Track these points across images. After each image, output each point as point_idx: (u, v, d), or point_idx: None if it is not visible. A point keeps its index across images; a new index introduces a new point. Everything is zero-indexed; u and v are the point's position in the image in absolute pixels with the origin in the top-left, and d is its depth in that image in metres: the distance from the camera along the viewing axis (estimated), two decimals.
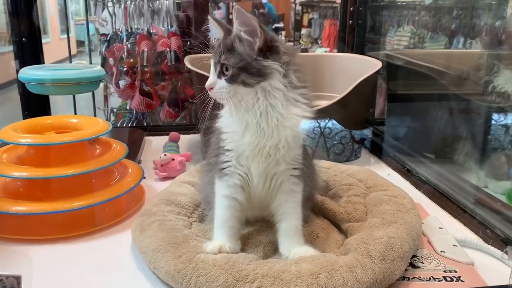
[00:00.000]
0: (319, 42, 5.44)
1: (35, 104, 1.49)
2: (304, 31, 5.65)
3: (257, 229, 0.87)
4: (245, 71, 0.71)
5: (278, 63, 0.72)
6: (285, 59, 0.73)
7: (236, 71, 0.71)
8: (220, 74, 0.73)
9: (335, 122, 1.33)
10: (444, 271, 0.78)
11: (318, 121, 1.34)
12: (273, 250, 0.82)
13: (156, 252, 0.77)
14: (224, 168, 0.78)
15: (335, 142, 1.36)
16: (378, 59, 1.37)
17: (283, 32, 5.53)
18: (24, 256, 0.86)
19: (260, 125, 0.74)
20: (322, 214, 0.96)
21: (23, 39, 1.43)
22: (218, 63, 0.73)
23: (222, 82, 0.73)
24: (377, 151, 1.44)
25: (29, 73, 1.16)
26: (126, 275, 0.80)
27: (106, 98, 2.25)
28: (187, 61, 1.31)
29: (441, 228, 0.93)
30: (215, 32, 0.78)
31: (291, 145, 0.75)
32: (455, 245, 0.86)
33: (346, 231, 0.88)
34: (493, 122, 1.27)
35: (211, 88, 0.74)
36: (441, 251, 0.84)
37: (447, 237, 0.89)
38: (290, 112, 0.74)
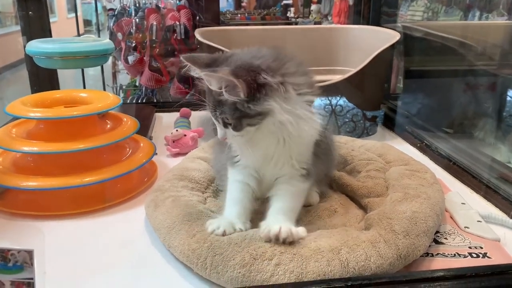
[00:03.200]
0: (329, 18, 5.33)
1: (43, 80, 1.46)
2: (314, 7, 5.54)
3: None
4: (245, 117, 0.67)
5: (273, 99, 0.66)
6: (278, 81, 0.66)
7: (236, 121, 0.68)
8: (225, 125, 0.70)
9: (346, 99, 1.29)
10: (469, 247, 0.75)
11: (329, 98, 1.30)
12: None
13: (170, 230, 0.75)
14: (236, 162, 0.77)
15: (346, 120, 1.33)
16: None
17: (292, 9, 5.43)
18: (36, 232, 0.85)
19: (271, 147, 0.72)
20: (339, 189, 0.93)
21: (30, 13, 1.39)
22: (216, 116, 0.70)
23: (231, 132, 0.70)
24: (392, 126, 1.40)
25: (37, 46, 1.13)
26: (140, 251, 0.78)
27: (114, 75, 2.22)
28: (198, 34, 1.27)
29: (464, 203, 0.90)
30: (195, 72, 0.71)
31: (302, 157, 0.73)
32: (479, 221, 0.83)
33: (366, 206, 0.85)
34: None
35: (224, 139, 0.72)
36: (465, 227, 0.81)
37: (470, 213, 0.86)
38: (300, 129, 0.69)
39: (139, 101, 1.82)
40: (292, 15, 5.31)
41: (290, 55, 0.73)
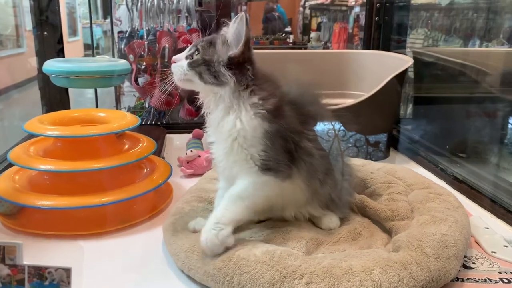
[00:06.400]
0: (329, 45, 5.42)
1: (54, 100, 1.46)
2: (313, 34, 5.64)
3: (297, 226, 0.83)
4: (206, 66, 0.73)
5: (234, 79, 0.72)
6: (246, 82, 0.73)
7: (200, 60, 0.73)
8: (189, 56, 0.75)
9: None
10: (499, 273, 0.74)
11: (332, 123, 1.30)
12: (315, 246, 0.78)
13: (190, 253, 0.73)
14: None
15: (349, 145, 1.33)
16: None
17: (291, 36, 5.52)
18: (50, 253, 0.82)
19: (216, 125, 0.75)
20: (362, 212, 0.92)
21: (45, 33, 1.40)
22: (195, 46, 0.75)
23: (185, 63, 0.75)
24: (404, 150, 1.40)
25: (54, 65, 1.13)
26: (156, 275, 0.76)
27: (119, 97, 2.22)
28: None
29: (487, 228, 0.89)
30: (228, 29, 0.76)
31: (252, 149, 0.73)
32: (505, 246, 0.82)
33: (391, 229, 0.83)
34: None
35: (174, 61, 0.77)
36: (492, 252, 0.80)
37: (496, 237, 0.85)
38: (232, 117, 0.73)
39: (148, 123, 1.81)
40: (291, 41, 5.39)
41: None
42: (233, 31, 0.72)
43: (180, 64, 0.75)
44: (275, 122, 0.72)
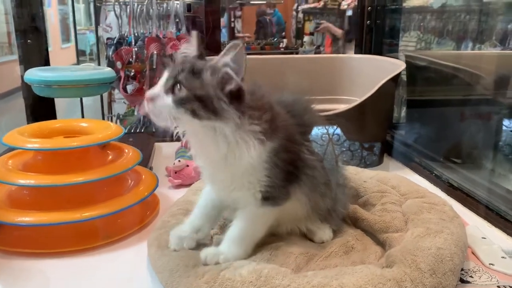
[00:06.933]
0: (322, 49, 5.42)
1: (39, 109, 1.42)
2: (306, 38, 5.65)
3: (286, 240, 0.80)
4: (201, 102, 0.63)
5: (236, 112, 0.64)
6: (243, 109, 0.66)
7: (190, 96, 0.63)
8: (169, 90, 0.64)
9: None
10: (498, 287, 0.71)
11: (326, 127, 1.27)
12: (306, 261, 0.74)
13: (174, 273, 0.69)
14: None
15: (344, 149, 1.30)
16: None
17: (285, 40, 5.51)
18: (31, 272, 0.78)
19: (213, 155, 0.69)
20: (354, 223, 0.88)
21: (29, 41, 1.37)
22: (173, 77, 0.64)
23: (168, 100, 0.63)
24: (398, 156, 1.37)
25: (36, 74, 1.09)
26: None
27: (110, 104, 2.18)
28: None
29: (484, 238, 0.86)
30: (187, 48, 0.70)
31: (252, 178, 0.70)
32: (503, 257, 0.79)
33: (384, 242, 0.80)
34: None
35: (151, 100, 0.64)
36: (490, 264, 0.77)
37: (493, 248, 0.82)
38: (238, 151, 0.67)
39: (137, 131, 1.78)
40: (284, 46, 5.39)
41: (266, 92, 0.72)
42: (230, 60, 0.64)
43: (162, 104, 0.64)
44: (275, 137, 0.68)
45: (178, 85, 0.64)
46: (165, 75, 0.66)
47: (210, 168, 0.73)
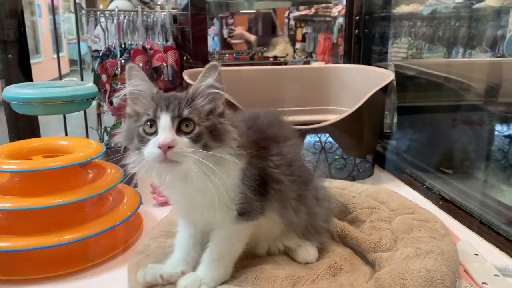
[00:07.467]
0: (314, 56, 5.41)
1: (22, 126, 1.39)
2: (298, 45, 5.64)
3: (271, 262, 0.77)
4: (210, 133, 0.61)
5: (236, 130, 0.65)
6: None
7: (203, 130, 0.61)
8: (179, 131, 0.61)
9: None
10: None
11: (319, 135, 1.26)
12: (291, 285, 0.71)
13: None
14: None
15: (336, 157, 1.28)
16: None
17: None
18: None
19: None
20: (343, 241, 0.86)
21: (9, 56, 1.33)
22: (177, 117, 0.61)
23: (185, 141, 0.60)
24: (389, 167, 1.35)
25: (14, 91, 1.06)
26: None
27: (99, 116, 2.15)
28: (187, 75, 1.22)
29: (477, 254, 0.83)
30: (138, 85, 0.65)
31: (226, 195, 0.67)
32: (496, 275, 0.77)
33: (373, 262, 0.77)
34: None
35: (170, 147, 0.59)
36: (483, 283, 0.74)
37: (486, 266, 0.79)
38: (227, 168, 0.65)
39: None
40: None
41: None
42: (215, 82, 0.63)
43: (181, 147, 0.59)
44: (243, 155, 0.66)
45: (184, 123, 0.61)
46: (165, 117, 0.61)
47: (187, 200, 0.70)
